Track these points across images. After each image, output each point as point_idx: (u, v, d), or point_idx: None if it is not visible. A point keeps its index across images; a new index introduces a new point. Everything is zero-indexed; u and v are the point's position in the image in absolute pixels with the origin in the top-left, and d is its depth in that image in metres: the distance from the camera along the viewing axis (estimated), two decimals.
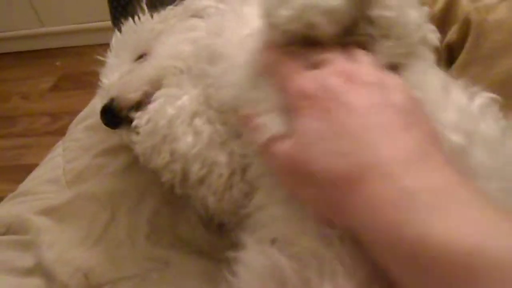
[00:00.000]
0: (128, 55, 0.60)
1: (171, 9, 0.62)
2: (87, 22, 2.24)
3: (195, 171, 0.47)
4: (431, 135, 0.33)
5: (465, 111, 0.39)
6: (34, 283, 0.53)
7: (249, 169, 0.46)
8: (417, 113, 0.34)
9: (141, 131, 0.50)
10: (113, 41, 0.62)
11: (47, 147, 0.88)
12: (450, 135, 0.36)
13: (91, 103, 0.76)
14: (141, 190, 0.60)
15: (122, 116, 0.54)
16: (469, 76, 0.46)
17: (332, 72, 0.35)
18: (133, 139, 0.52)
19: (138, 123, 0.51)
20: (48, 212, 0.59)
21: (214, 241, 0.56)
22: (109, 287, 0.51)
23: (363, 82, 0.35)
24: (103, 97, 0.57)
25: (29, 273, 0.54)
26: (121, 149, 0.64)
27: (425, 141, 0.32)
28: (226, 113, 0.47)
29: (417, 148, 0.31)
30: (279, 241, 0.38)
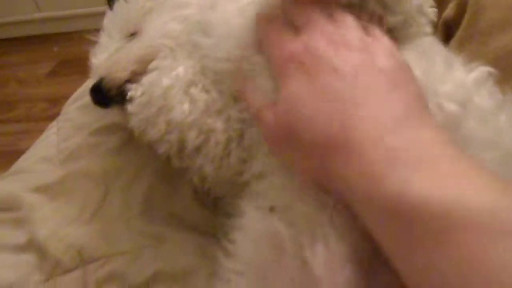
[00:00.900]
0: (118, 34, 0.60)
1: None
2: (84, 7, 2.23)
3: (192, 139, 0.47)
4: (417, 97, 0.33)
5: (462, 84, 0.40)
6: (26, 260, 0.53)
7: (246, 135, 0.46)
8: (403, 76, 0.34)
9: (136, 103, 0.50)
10: (104, 20, 0.62)
11: None
12: (445, 104, 0.36)
13: (85, 84, 0.76)
14: (135, 167, 0.59)
15: (111, 95, 0.53)
16: (465, 52, 0.46)
17: (317, 36, 0.35)
18: (128, 111, 0.51)
19: (133, 95, 0.51)
20: (41, 189, 0.58)
21: (209, 218, 0.56)
22: (103, 262, 0.51)
23: (349, 45, 0.35)
24: (93, 77, 0.56)
25: (21, 249, 0.54)
26: (114, 127, 0.63)
27: (411, 102, 0.32)
28: (221, 82, 0.47)
29: (402, 108, 0.31)
30: (277, 208, 0.38)
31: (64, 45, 2.25)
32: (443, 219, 0.26)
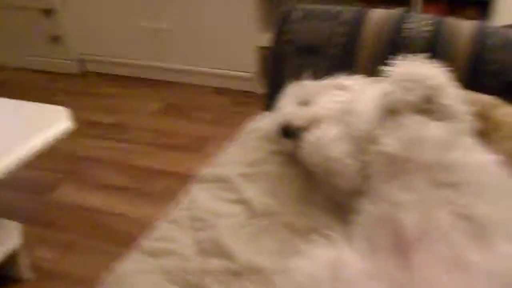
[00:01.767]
0: (294, 100, 1.11)
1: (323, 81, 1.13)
2: (195, 65, 2.81)
3: (339, 170, 0.95)
4: None
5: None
6: (237, 208, 1.01)
7: (367, 168, 0.93)
8: None
9: (308, 143, 0.99)
10: (287, 90, 1.14)
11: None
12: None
13: (260, 120, 1.28)
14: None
15: (291, 132, 1.03)
16: None
17: None
18: (301, 145, 1.00)
19: (308, 138, 1.00)
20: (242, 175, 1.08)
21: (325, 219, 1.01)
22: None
23: None
24: (276, 120, 1.07)
25: (233, 202, 1.03)
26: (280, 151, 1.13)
27: None
28: (358, 140, 0.95)
29: None
30: None
31: (174, 92, 2.84)
32: None
